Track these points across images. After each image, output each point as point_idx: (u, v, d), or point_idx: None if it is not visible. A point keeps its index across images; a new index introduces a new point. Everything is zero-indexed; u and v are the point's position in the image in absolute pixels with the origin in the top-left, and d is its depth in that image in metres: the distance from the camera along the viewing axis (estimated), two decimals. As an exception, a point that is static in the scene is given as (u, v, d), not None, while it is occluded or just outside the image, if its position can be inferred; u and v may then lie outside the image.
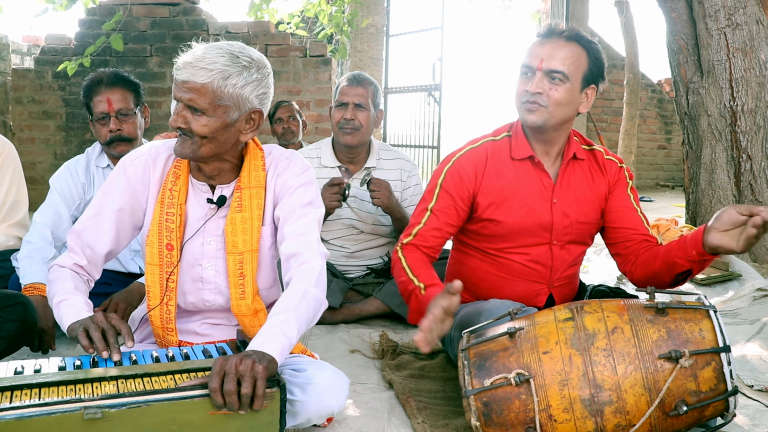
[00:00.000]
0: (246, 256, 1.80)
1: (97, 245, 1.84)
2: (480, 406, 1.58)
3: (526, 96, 2.01)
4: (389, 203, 2.82)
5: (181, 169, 1.83)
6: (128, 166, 1.85)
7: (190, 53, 1.70)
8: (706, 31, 3.91)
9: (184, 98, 1.68)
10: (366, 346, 2.59)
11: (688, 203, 4.33)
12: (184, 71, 1.67)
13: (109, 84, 2.60)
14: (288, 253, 1.76)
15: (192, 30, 6.48)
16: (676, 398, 1.52)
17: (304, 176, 1.85)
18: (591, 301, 1.67)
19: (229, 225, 1.80)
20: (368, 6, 7.92)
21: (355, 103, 2.91)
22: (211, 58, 1.67)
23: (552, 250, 2.15)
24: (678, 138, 10.63)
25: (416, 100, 8.06)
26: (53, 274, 1.83)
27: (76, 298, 1.75)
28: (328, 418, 1.76)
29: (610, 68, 10.38)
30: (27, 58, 8.42)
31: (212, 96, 1.67)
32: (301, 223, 1.79)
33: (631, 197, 2.19)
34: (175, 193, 1.81)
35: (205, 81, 1.66)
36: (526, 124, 2.05)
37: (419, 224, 2.12)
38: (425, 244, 2.12)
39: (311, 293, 1.67)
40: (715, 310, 1.58)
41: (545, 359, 1.57)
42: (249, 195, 1.81)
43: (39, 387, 1.45)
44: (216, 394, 1.41)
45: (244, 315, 1.81)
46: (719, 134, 3.98)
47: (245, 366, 1.42)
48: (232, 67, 1.69)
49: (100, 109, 2.58)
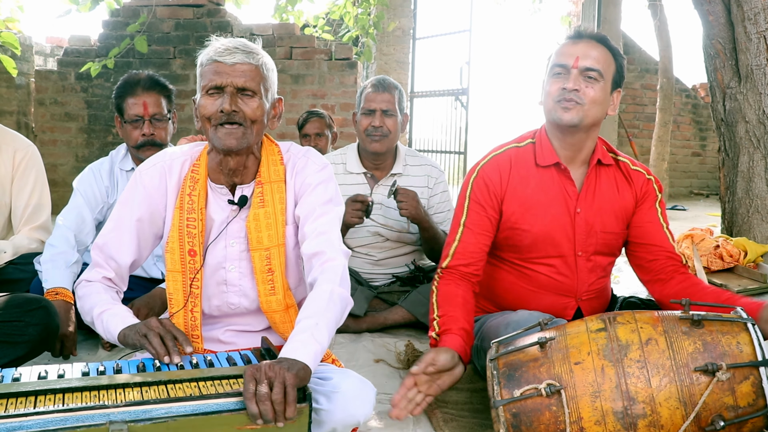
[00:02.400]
0: (273, 252, 1.79)
1: (121, 257, 1.84)
2: (509, 417, 1.54)
3: (561, 95, 1.99)
4: (417, 213, 2.77)
5: (200, 174, 1.82)
6: (144, 175, 1.85)
7: (225, 42, 1.74)
8: (744, 35, 3.82)
9: (236, 82, 1.71)
10: (391, 355, 2.56)
11: (724, 212, 4.23)
12: (234, 55, 1.71)
13: (146, 87, 2.61)
14: (310, 252, 1.75)
15: (216, 32, 6.50)
16: (712, 413, 1.48)
17: (323, 173, 1.85)
18: (624, 312, 1.64)
19: (252, 221, 1.79)
20: (395, 8, 7.90)
21: (382, 110, 2.89)
22: (249, 46, 1.75)
23: (577, 261, 2.11)
24: (713, 145, 10.45)
25: (443, 105, 8.02)
26: (83, 289, 1.83)
27: (118, 307, 1.77)
28: (353, 428, 1.73)
29: (643, 72, 10.26)
30: (50, 60, 8.49)
31: (261, 78, 1.75)
32: (322, 222, 1.78)
33: (658, 212, 2.15)
34: (195, 197, 1.80)
35: (256, 63, 1.73)
36: (561, 123, 2.01)
37: (455, 241, 2.11)
38: (463, 263, 2.09)
39: (337, 293, 1.66)
40: (754, 323, 1.54)
41: (577, 370, 1.54)
42: (270, 189, 1.81)
43: (63, 392, 1.44)
44: (250, 402, 1.39)
45: (275, 311, 1.80)
46: (757, 141, 3.88)
47: (274, 372, 1.41)
48: (266, 57, 1.78)
49: (135, 111, 2.59)
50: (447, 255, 2.12)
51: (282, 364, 1.45)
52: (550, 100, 2.02)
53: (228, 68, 1.70)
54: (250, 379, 1.41)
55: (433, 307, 2.03)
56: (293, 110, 6.47)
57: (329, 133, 4.39)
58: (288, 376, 1.41)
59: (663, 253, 2.11)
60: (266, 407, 1.39)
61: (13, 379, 1.50)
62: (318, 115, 4.37)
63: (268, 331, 1.90)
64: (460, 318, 1.95)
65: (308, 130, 4.34)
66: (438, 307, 2.01)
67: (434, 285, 2.09)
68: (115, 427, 1.36)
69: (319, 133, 4.32)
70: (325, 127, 4.36)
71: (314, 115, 4.38)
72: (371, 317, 2.88)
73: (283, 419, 1.40)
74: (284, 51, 6.53)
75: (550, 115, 2.04)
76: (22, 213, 2.58)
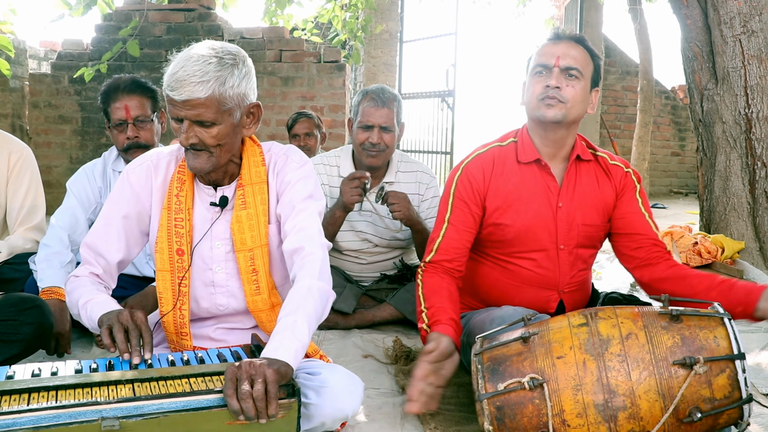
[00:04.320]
0: (256, 252, 1.81)
1: (109, 254, 1.86)
2: (493, 411, 1.58)
3: (544, 92, 2.03)
4: (409, 215, 2.75)
5: (185, 174, 1.84)
6: (131, 175, 1.87)
7: (177, 71, 1.65)
8: (721, 38, 3.90)
9: (189, 116, 1.67)
10: (379, 351, 2.60)
11: (702, 211, 4.31)
12: (182, 91, 1.64)
13: (127, 91, 2.61)
14: (291, 249, 1.76)
15: (207, 36, 6.51)
16: (690, 405, 1.51)
17: (302, 170, 1.86)
18: (605, 308, 1.67)
19: (235, 223, 1.80)
20: (382, 12, 7.95)
21: (380, 126, 2.83)
22: (202, 70, 1.64)
23: (559, 255, 2.16)
24: (692, 145, 10.57)
25: (430, 106, 8.07)
26: (71, 284, 1.84)
27: (102, 296, 1.77)
28: (342, 422, 1.76)
29: (624, 75, 10.35)
30: (44, 63, 8.50)
31: (217, 105, 1.67)
32: (302, 218, 1.79)
33: (639, 201, 2.19)
34: (182, 198, 1.82)
35: (207, 94, 1.65)
36: (545, 120, 2.05)
37: (439, 237, 2.15)
38: (447, 258, 2.12)
39: (316, 287, 1.66)
40: (730, 318, 1.58)
41: (559, 364, 1.57)
42: (252, 191, 1.82)
43: (56, 389, 1.46)
44: (231, 399, 1.40)
45: (261, 310, 1.82)
46: (734, 141, 3.96)
47: (254, 369, 1.42)
48: (223, 70, 1.67)
49: (118, 116, 2.60)
50: (431, 250, 2.15)
51: (262, 361, 1.45)
52: (534, 99, 2.06)
53: (179, 104, 1.66)
54: (231, 377, 1.42)
55: (420, 299, 2.05)
56: (283, 112, 6.50)
57: (318, 134, 4.43)
58: (269, 372, 1.42)
59: (648, 241, 2.14)
60: (248, 405, 1.39)
61: (7, 377, 1.51)
62: (307, 116, 4.42)
63: (257, 329, 1.92)
64: (449, 309, 1.98)
65: (297, 130, 4.38)
66: (425, 299, 2.04)
67: (419, 279, 2.12)
68: (107, 423, 1.38)
69: (308, 133, 4.36)
70: (314, 127, 4.40)
71: (303, 115, 4.42)
72: (360, 314, 2.90)
73: (265, 416, 1.41)
74: (274, 54, 6.55)
75: (533, 112, 2.08)
76: (17, 214, 2.59)
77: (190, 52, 1.68)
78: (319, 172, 2.98)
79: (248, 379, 1.41)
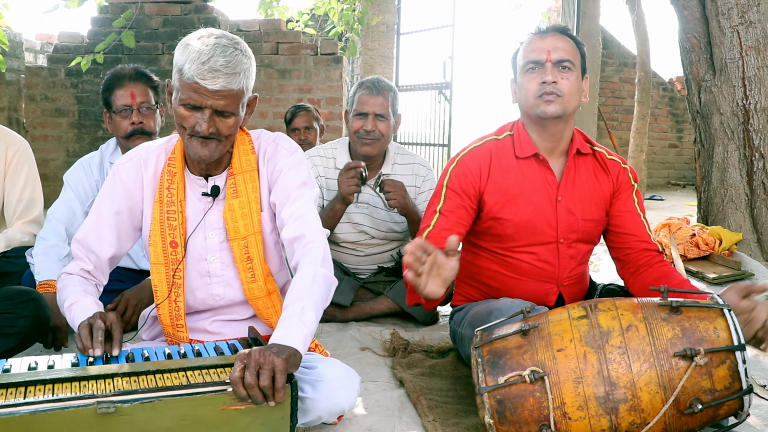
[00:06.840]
0: (250, 240, 1.81)
1: (100, 250, 1.85)
2: (494, 404, 1.57)
3: (541, 89, 2.02)
4: (405, 204, 2.75)
5: (176, 167, 1.83)
6: (121, 169, 1.86)
7: (208, 59, 1.63)
8: (718, 29, 3.88)
9: (217, 105, 1.67)
10: (377, 344, 2.59)
11: (700, 202, 4.30)
12: (216, 81, 1.63)
13: (133, 78, 2.63)
14: (290, 237, 1.76)
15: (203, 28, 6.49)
16: (690, 396, 1.51)
17: (293, 158, 1.86)
18: (605, 300, 1.67)
19: (228, 212, 1.81)
20: (379, 4, 7.92)
21: (375, 114, 2.83)
22: (233, 61, 1.65)
23: (559, 248, 2.15)
24: (689, 136, 10.56)
25: (427, 98, 8.05)
26: (62, 282, 1.84)
27: (86, 299, 1.76)
28: (338, 416, 1.76)
29: (621, 66, 10.33)
30: (40, 56, 8.49)
31: (241, 96, 1.70)
32: (298, 205, 1.79)
33: (635, 201, 2.19)
34: (174, 190, 1.82)
35: (239, 86, 1.68)
36: (545, 116, 2.04)
37: (429, 227, 2.11)
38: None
39: (320, 274, 1.67)
40: (730, 309, 1.57)
41: (559, 357, 1.57)
42: (243, 180, 1.82)
43: (53, 383, 1.46)
44: (237, 385, 1.42)
45: (257, 298, 1.82)
46: (731, 133, 3.95)
47: (264, 358, 1.43)
48: (247, 62, 1.70)
49: (123, 101, 2.59)
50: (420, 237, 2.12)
51: (272, 349, 1.46)
52: (531, 96, 2.05)
53: (209, 93, 1.65)
54: (239, 364, 1.43)
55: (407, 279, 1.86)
56: (280, 104, 6.49)
57: (317, 126, 4.45)
58: (278, 362, 1.43)
59: (639, 244, 2.14)
60: (255, 392, 1.42)
61: (4, 371, 1.51)
62: (305, 109, 4.43)
63: (253, 320, 1.92)
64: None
65: (297, 124, 4.39)
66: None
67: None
68: (102, 406, 1.38)
69: (308, 127, 4.37)
70: (313, 120, 4.42)
71: (302, 109, 4.43)
72: (357, 307, 2.90)
73: (272, 400, 1.43)
74: (271, 46, 6.53)
75: (532, 110, 2.06)
76: (14, 208, 2.58)
77: (210, 40, 1.66)
78: (316, 164, 2.97)
79: (256, 369, 1.42)
